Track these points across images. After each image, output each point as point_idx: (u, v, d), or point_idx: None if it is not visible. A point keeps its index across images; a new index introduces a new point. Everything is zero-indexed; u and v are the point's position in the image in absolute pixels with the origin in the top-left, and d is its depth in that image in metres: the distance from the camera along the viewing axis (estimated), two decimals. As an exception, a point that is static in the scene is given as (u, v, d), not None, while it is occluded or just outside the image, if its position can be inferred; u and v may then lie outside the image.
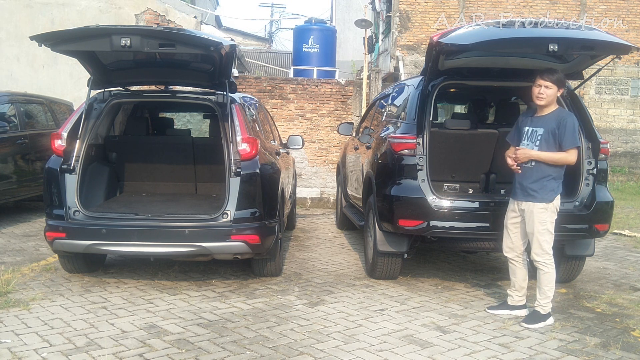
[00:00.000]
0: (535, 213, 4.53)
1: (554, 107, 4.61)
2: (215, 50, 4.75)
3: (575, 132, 4.49)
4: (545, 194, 4.51)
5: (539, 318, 4.59)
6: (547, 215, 4.53)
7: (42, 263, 6.07)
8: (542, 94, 4.53)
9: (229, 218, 5.05)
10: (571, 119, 4.53)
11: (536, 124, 4.62)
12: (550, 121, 4.54)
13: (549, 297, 4.60)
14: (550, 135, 4.50)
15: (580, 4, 15.83)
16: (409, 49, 15.90)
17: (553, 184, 4.53)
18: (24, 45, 11.99)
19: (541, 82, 4.55)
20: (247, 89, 12.43)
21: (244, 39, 29.94)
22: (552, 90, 4.53)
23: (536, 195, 4.52)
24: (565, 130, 4.45)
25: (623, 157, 15.77)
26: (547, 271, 4.58)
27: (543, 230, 4.53)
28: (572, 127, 4.47)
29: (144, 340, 4.07)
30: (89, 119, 5.50)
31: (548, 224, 4.55)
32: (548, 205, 4.52)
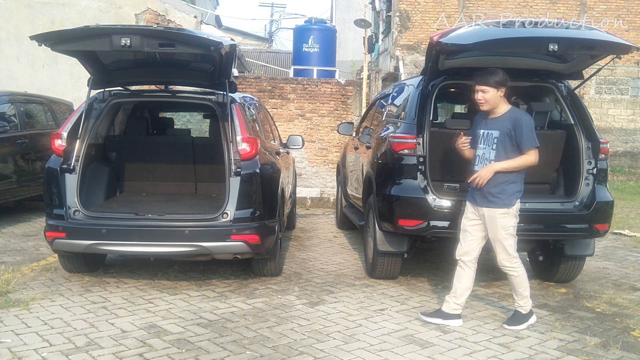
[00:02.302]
0: (497, 219, 4.37)
1: (506, 108, 4.45)
2: (215, 50, 4.75)
3: (531, 131, 4.34)
4: (506, 199, 4.36)
5: (522, 318, 4.51)
6: (509, 220, 4.39)
7: (42, 263, 6.07)
8: (480, 100, 4.44)
9: (229, 218, 5.05)
10: (526, 118, 4.41)
11: (491, 126, 4.47)
12: (504, 122, 4.38)
13: (525, 297, 4.51)
14: (507, 137, 4.35)
15: (580, 4, 15.83)
16: (409, 49, 15.90)
17: (513, 187, 4.39)
18: (24, 45, 11.98)
19: (477, 87, 4.46)
20: (247, 89, 12.43)
21: (244, 38, 29.93)
22: (490, 94, 4.39)
23: (497, 201, 4.37)
24: (522, 131, 4.31)
25: (623, 157, 15.77)
26: (517, 275, 4.45)
27: (507, 235, 4.39)
28: (528, 127, 4.34)
29: (144, 340, 4.07)
30: (89, 119, 5.50)
31: (510, 229, 4.41)
32: (509, 210, 4.37)
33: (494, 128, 4.44)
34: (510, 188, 4.38)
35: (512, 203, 4.39)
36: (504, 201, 4.37)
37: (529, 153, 4.34)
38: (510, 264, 4.44)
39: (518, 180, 4.43)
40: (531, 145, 4.33)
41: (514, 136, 4.33)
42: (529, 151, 4.34)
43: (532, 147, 4.33)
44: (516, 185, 4.41)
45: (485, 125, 4.53)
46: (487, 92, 4.41)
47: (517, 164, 4.35)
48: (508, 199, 4.37)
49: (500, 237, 4.40)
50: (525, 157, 4.35)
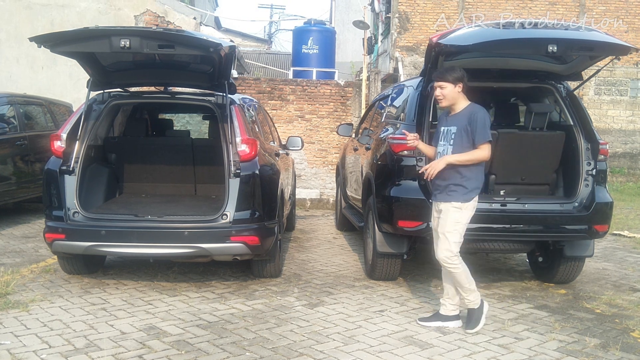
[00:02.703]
0: (450, 212, 4.34)
1: (465, 104, 4.42)
2: (215, 51, 4.75)
3: (485, 126, 4.29)
4: (462, 194, 4.32)
5: (477, 314, 4.44)
6: (461, 216, 4.34)
7: (42, 264, 6.06)
8: (439, 96, 4.43)
9: (229, 219, 5.05)
10: (481, 113, 4.33)
11: (450, 123, 4.46)
12: (462, 118, 4.36)
13: (472, 290, 4.43)
14: (463, 132, 4.32)
15: (579, 5, 15.84)
16: (408, 50, 15.90)
17: (472, 183, 4.34)
18: (23, 46, 11.98)
19: (435, 84, 4.45)
20: (247, 90, 12.43)
21: (243, 40, 29.93)
22: (447, 89, 4.36)
23: (453, 195, 4.34)
24: (476, 125, 4.27)
25: (622, 158, 15.77)
26: (457, 271, 4.39)
27: (454, 230, 4.34)
28: (483, 121, 4.29)
29: (144, 341, 4.07)
30: (89, 120, 5.50)
31: (461, 225, 4.36)
32: (463, 205, 4.33)
33: (453, 124, 4.42)
34: (469, 184, 4.33)
35: (469, 199, 4.33)
36: (460, 196, 4.32)
37: (481, 147, 4.29)
38: (450, 259, 4.38)
39: (478, 177, 4.38)
40: (484, 139, 4.28)
41: (469, 130, 4.30)
42: (482, 145, 4.28)
43: (485, 141, 4.28)
44: (476, 181, 4.37)
45: (446, 122, 4.51)
46: (445, 88, 4.38)
47: (468, 158, 4.30)
48: (466, 194, 4.32)
49: (448, 230, 4.35)
50: (477, 151, 4.29)
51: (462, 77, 4.37)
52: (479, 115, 4.32)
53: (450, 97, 4.41)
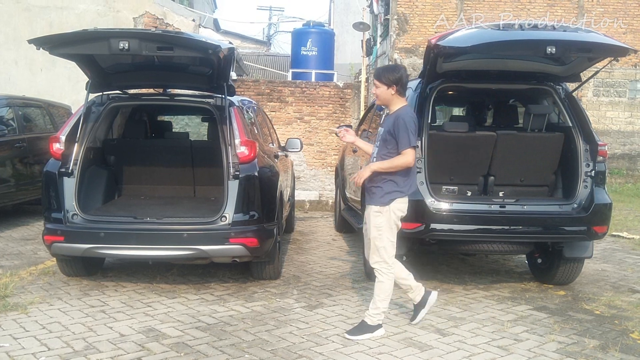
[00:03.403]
0: (371, 216, 4.26)
1: (399, 105, 4.28)
2: (214, 53, 4.75)
3: (408, 131, 4.13)
4: (380, 197, 4.21)
5: (366, 329, 4.27)
6: (382, 220, 4.22)
7: (41, 267, 6.06)
8: (374, 93, 4.36)
9: (228, 221, 5.05)
10: (406, 117, 4.19)
11: (383, 123, 4.39)
12: (390, 121, 4.26)
13: (379, 309, 4.28)
14: (388, 135, 4.22)
15: (578, 7, 15.86)
16: (407, 52, 15.91)
17: (391, 186, 4.21)
18: (22, 48, 11.98)
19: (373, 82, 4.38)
20: (246, 92, 12.44)
21: (242, 42, 29.96)
22: (380, 90, 4.26)
23: (373, 198, 4.25)
24: (399, 130, 4.15)
25: (621, 159, 15.78)
26: (381, 280, 4.28)
27: (379, 235, 4.22)
28: (406, 126, 4.14)
29: (143, 343, 4.06)
30: (88, 122, 5.49)
31: (385, 229, 4.23)
32: (383, 209, 4.21)
33: (383, 125, 4.35)
34: (387, 186, 4.21)
35: (387, 202, 4.21)
36: (379, 199, 4.22)
37: (404, 153, 4.15)
38: (378, 266, 4.28)
39: (399, 180, 4.24)
40: (406, 145, 4.14)
41: (395, 134, 4.19)
42: (404, 151, 4.15)
43: (407, 147, 4.14)
44: (395, 184, 4.23)
45: (382, 123, 4.45)
46: (378, 88, 4.31)
47: (389, 165, 4.18)
48: (383, 197, 4.21)
49: (373, 235, 4.25)
50: (400, 157, 4.17)
51: (397, 80, 4.23)
52: (404, 119, 4.18)
53: (382, 98, 4.33)
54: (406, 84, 4.34)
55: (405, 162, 4.17)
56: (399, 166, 4.19)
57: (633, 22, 15.93)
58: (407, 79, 4.33)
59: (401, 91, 4.29)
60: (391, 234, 4.28)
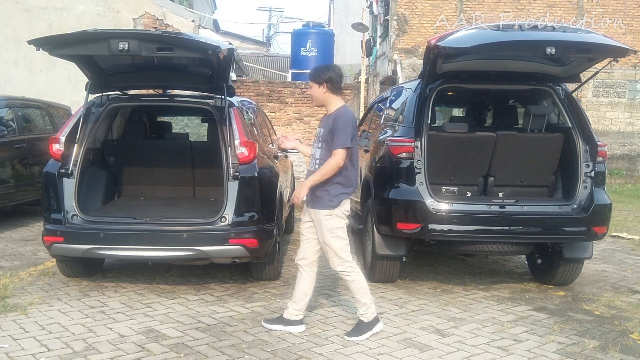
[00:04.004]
0: (322, 221, 4.22)
1: (337, 105, 4.25)
2: (214, 54, 4.75)
3: (344, 132, 4.09)
4: (328, 201, 4.18)
5: (364, 327, 4.28)
6: (334, 222, 4.21)
7: (40, 267, 6.05)
8: (309, 94, 4.36)
9: (227, 222, 5.05)
10: (343, 117, 4.15)
11: (322, 124, 4.35)
12: (329, 121, 4.22)
13: (366, 304, 4.29)
14: (328, 135, 4.18)
15: (577, 7, 15.87)
16: (406, 53, 15.92)
17: (337, 189, 4.18)
18: (22, 49, 11.98)
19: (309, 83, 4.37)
20: (245, 93, 12.44)
21: (242, 42, 29.97)
22: (313, 89, 4.26)
23: (320, 202, 4.21)
24: (336, 130, 4.10)
25: (621, 160, 15.80)
26: (352, 279, 4.27)
27: (333, 238, 4.23)
28: (342, 126, 4.10)
29: (143, 344, 4.06)
30: (87, 123, 5.49)
31: (337, 231, 4.23)
32: (333, 212, 4.19)
33: (323, 126, 4.31)
34: (334, 189, 4.18)
35: (335, 204, 4.20)
36: (327, 202, 4.19)
37: (334, 153, 4.10)
38: (342, 269, 4.28)
39: (343, 182, 4.21)
40: (340, 145, 4.09)
41: (333, 134, 4.15)
42: (335, 151, 4.10)
43: (339, 147, 4.09)
44: (340, 186, 4.20)
45: (321, 123, 4.40)
46: (311, 88, 4.30)
47: (323, 173, 4.13)
48: (331, 201, 4.19)
49: (327, 240, 4.24)
50: (328, 161, 4.12)
51: (328, 78, 4.19)
52: (340, 119, 4.14)
53: (316, 98, 4.31)
54: (338, 83, 4.26)
55: (335, 164, 4.12)
56: (330, 171, 4.13)
57: (633, 23, 15.94)
58: (338, 77, 4.26)
59: (334, 90, 4.24)
60: (344, 234, 4.31)
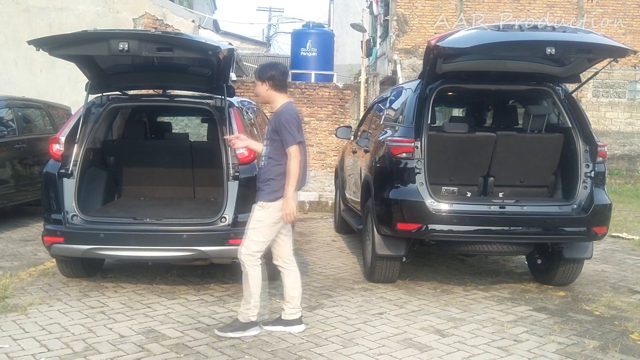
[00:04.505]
0: (255, 210, 4.28)
1: (281, 103, 4.27)
2: (213, 54, 4.75)
3: (289, 129, 4.11)
4: (267, 194, 4.21)
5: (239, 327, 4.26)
6: (266, 214, 4.21)
7: (40, 268, 6.05)
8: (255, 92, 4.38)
9: (227, 222, 5.05)
10: (285, 114, 4.16)
11: (269, 122, 4.37)
12: (274, 118, 4.25)
13: (249, 304, 4.26)
14: (273, 133, 4.21)
15: (577, 7, 15.88)
16: (406, 53, 15.92)
17: (277, 184, 4.19)
18: (21, 49, 11.97)
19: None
20: (245, 93, 12.45)
21: (242, 43, 29.95)
22: (257, 86, 4.32)
23: (261, 194, 4.26)
24: (281, 127, 4.12)
25: (621, 160, 15.80)
26: (249, 273, 4.25)
27: (257, 228, 4.22)
28: (287, 123, 4.11)
29: (143, 344, 4.06)
30: (87, 123, 5.49)
31: (265, 224, 4.22)
32: (265, 204, 4.21)
33: (270, 124, 4.33)
34: (274, 184, 4.21)
35: (272, 199, 4.20)
36: (265, 195, 4.23)
37: (289, 151, 4.12)
38: (245, 258, 4.26)
39: (280, 177, 4.21)
40: (290, 142, 4.10)
41: (278, 133, 4.17)
42: (289, 149, 4.12)
43: (292, 144, 4.11)
44: (278, 182, 4.21)
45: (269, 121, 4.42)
46: (256, 86, 4.36)
47: (290, 177, 4.13)
48: (269, 195, 4.21)
49: (250, 227, 4.26)
50: (289, 163, 4.14)
51: (271, 76, 4.22)
52: (283, 116, 4.16)
53: (261, 95, 4.35)
54: (281, 80, 4.28)
55: (294, 164, 4.14)
56: (295, 172, 4.14)
57: (632, 23, 15.95)
58: (281, 75, 4.28)
59: (276, 87, 4.26)
60: (269, 232, 4.26)
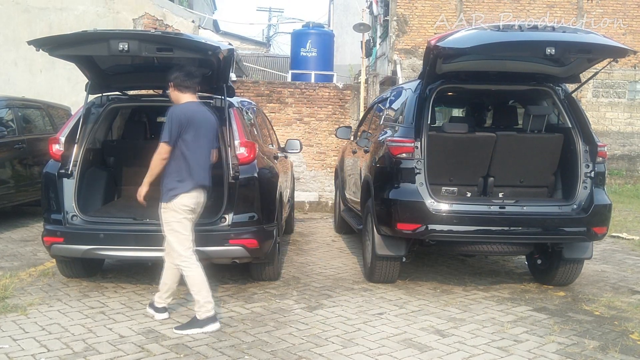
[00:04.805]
0: (161, 213, 4.38)
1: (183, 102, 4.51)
2: (213, 54, 4.75)
3: (165, 127, 4.30)
4: (165, 194, 4.33)
5: (194, 324, 4.30)
6: (169, 215, 4.33)
7: (40, 268, 6.05)
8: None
9: (227, 222, 5.05)
10: (168, 115, 4.37)
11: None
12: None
13: (199, 302, 4.31)
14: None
15: (577, 7, 15.88)
16: (406, 53, 15.92)
17: (172, 183, 4.32)
18: (21, 49, 11.97)
19: None
20: (245, 93, 12.44)
21: (242, 43, 29.97)
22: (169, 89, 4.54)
23: (162, 196, 4.37)
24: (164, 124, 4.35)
25: (620, 160, 15.80)
26: (187, 274, 4.34)
27: (169, 230, 4.35)
28: (167, 120, 4.33)
29: (142, 345, 4.06)
30: (87, 124, 5.49)
31: (173, 224, 4.33)
32: (168, 205, 4.32)
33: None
34: (170, 183, 4.33)
35: (169, 198, 4.31)
36: (164, 196, 4.35)
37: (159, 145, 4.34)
38: (178, 261, 4.36)
39: (178, 177, 4.33)
40: (162, 138, 4.31)
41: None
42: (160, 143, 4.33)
43: (161, 140, 4.30)
44: (176, 181, 4.32)
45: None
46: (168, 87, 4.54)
47: (151, 170, 4.37)
48: (166, 194, 4.33)
49: (165, 231, 4.39)
50: (153, 157, 4.35)
51: (174, 78, 4.46)
52: (168, 114, 4.37)
53: (171, 97, 4.54)
54: (183, 81, 4.46)
55: (156, 158, 4.34)
56: (154, 166, 4.35)
57: (632, 23, 15.95)
58: (184, 76, 4.46)
59: (179, 88, 4.47)
60: (182, 228, 4.36)
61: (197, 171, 4.38)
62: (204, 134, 4.44)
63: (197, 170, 4.38)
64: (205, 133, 4.45)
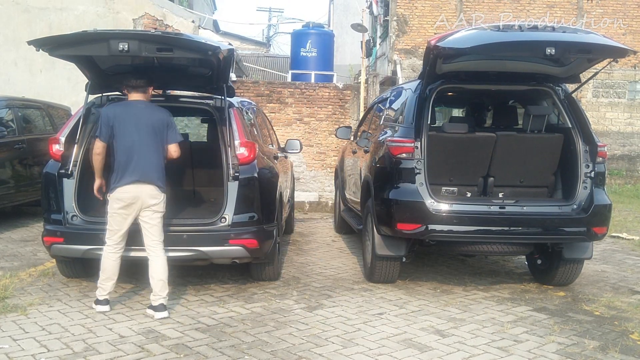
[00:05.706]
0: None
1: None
2: (213, 54, 4.75)
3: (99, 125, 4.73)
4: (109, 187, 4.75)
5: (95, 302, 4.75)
6: (108, 207, 4.71)
7: (40, 268, 6.05)
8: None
9: (227, 222, 5.05)
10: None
11: None
12: None
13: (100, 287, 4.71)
14: None
15: (577, 7, 15.88)
16: (406, 53, 15.93)
17: (112, 177, 4.70)
18: (21, 49, 11.96)
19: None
20: (245, 93, 12.44)
21: (242, 43, 29.97)
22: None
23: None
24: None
25: (620, 160, 15.80)
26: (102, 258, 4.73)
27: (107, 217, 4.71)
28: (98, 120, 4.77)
29: (142, 345, 4.06)
30: (87, 124, 5.49)
31: (109, 216, 4.69)
32: (109, 195, 4.70)
33: None
34: (110, 178, 4.74)
35: (111, 189, 4.69)
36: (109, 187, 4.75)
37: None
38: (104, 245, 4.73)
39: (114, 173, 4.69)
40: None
41: None
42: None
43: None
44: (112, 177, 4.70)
45: None
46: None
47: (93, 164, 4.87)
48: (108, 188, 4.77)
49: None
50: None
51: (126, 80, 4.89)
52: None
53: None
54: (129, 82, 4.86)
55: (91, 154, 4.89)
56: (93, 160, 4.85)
57: (632, 23, 15.95)
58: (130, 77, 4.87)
59: (127, 88, 4.90)
60: (113, 221, 4.70)
61: (134, 167, 4.65)
62: (145, 130, 4.70)
63: (134, 165, 4.65)
64: (147, 130, 4.71)
